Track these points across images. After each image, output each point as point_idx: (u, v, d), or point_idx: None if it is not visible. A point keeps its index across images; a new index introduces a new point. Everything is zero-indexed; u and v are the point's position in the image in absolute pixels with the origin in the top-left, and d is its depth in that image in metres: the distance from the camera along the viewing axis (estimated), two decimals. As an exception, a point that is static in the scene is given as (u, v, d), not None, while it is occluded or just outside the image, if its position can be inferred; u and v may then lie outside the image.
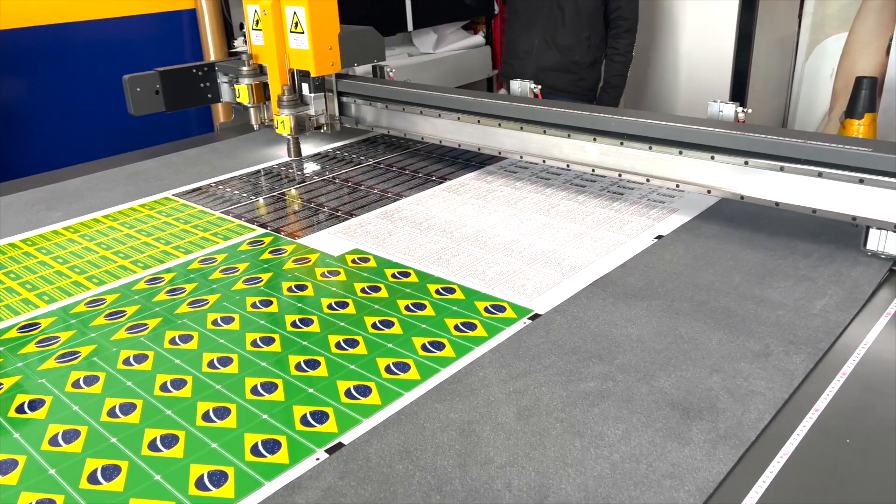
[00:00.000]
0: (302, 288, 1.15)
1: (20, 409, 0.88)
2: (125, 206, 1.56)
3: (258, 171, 1.75)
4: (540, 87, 1.74)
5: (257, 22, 1.76)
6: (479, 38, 3.62)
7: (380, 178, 1.64)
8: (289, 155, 1.82)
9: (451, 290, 1.11)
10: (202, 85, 2.05)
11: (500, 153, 1.59)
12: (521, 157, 1.55)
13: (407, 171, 1.68)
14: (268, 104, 1.85)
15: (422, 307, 1.07)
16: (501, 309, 1.05)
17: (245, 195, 1.59)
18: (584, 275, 1.13)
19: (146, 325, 1.06)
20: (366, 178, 1.66)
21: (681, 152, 1.29)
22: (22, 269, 1.27)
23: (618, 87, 2.78)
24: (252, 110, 1.86)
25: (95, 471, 0.76)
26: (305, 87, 1.79)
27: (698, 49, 3.02)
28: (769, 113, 3.36)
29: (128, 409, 0.87)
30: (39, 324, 1.08)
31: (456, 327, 1.01)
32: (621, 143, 1.36)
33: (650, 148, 1.33)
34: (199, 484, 0.74)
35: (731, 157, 1.23)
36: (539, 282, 1.12)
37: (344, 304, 1.09)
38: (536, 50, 2.77)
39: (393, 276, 1.17)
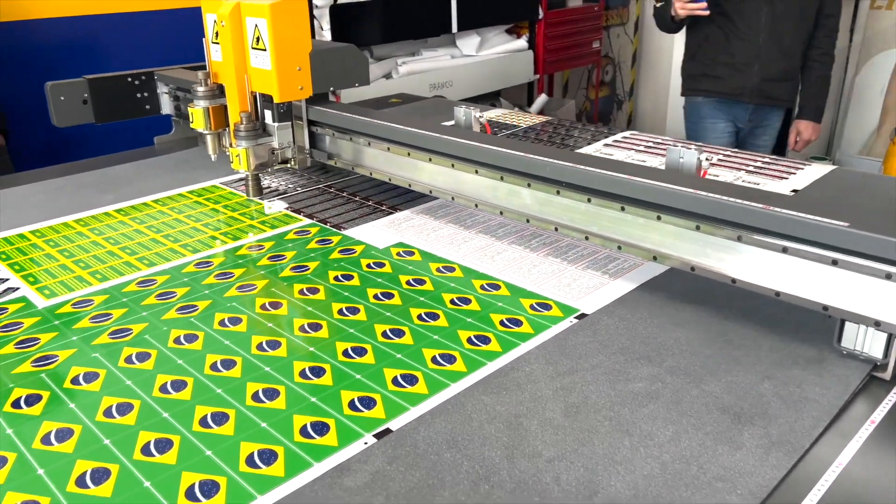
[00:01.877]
0: (348, 277, 1.16)
1: (75, 381, 0.90)
2: (173, 192, 1.59)
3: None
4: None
5: (216, 34, 1.47)
6: (522, 42, 3.62)
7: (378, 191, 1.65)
8: (247, 195, 1.52)
9: (496, 287, 1.11)
10: (139, 95, 1.90)
11: (430, 192, 1.37)
12: (453, 199, 1.33)
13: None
14: (228, 130, 1.54)
15: (467, 301, 1.07)
16: (547, 307, 1.05)
17: (291, 186, 1.60)
18: (631, 277, 1.13)
19: (196, 306, 1.08)
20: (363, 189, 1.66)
21: (623, 208, 1.06)
22: (75, 248, 1.30)
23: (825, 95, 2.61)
24: (209, 138, 1.53)
25: (149, 443, 0.78)
26: (269, 114, 1.49)
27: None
28: (815, 127, 3.30)
29: (179, 385, 0.88)
30: (93, 300, 1.10)
31: (501, 323, 1.01)
32: (557, 193, 1.14)
33: (588, 200, 1.10)
34: (250, 461, 0.75)
35: (681, 218, 1.00)
36: (585, 282, 1.11)
37: (389, 295, 1.10)
38: (762, 59, 2.50)
39: (438, 270, 1.18)
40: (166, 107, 1.95)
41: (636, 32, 4.87)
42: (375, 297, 1.09)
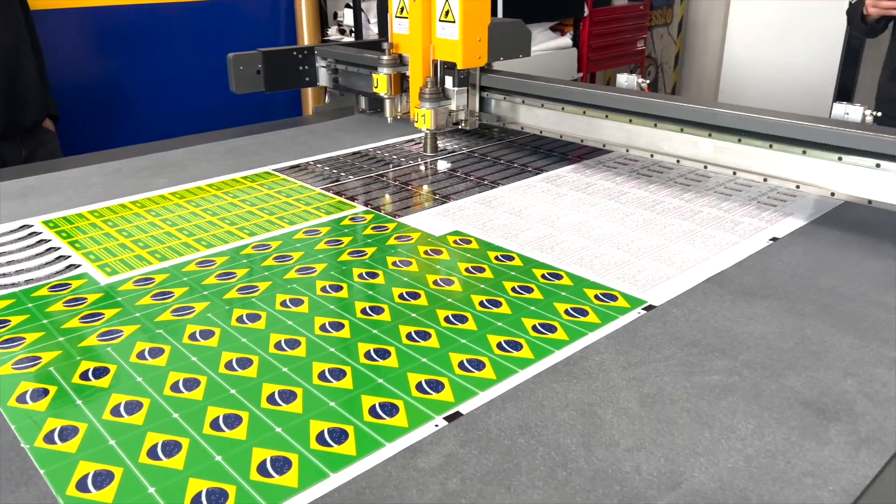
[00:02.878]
0: (406, 264, 1.15)
1: (141, 356, 0.90)
2: (227, 177, 1.59)
3: (355, 153, 1.76)
4: None
5: (402, 9, 1.69)
6: (566, 40, 3.59)
7: (476, 166, 1.63)
8: (425, 150, 1.74)
9: (558, 276, 1.09)
10: (301, 68, 2.07)
11: (604, 145, 1.55)
12: (627, 151, 1.52)
13: (502, 161, 1.67)
14: (404, 96, 1.77)
15: (529, 290, 1.05)
16: (613, 298, 1.02)
17: (343, 174, 1.60)
18: (698, 270, 1.10)
19: (257, 287, 1.07)
20: (461, 165, 1.65)
21: (804, 152, 1.24)
22: (133, 228, 1.31)
23: None
24: (388, 102, 1.77)
25: (218, 418, 0.77)
26: (449, 80, 1.70)
27: (800, 60, 2.91)
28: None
29: (245, 363, 0.88)
30: (153, 279, 1.11)
31: (566, 312, 0.99)
32: (739, 140, 1.31)
33: (770, 146, 1.28)
34: (320, 439, 0.74)
35: (860, 158, 1.17)
36: (650, 274, 1.09)
37: (449, 282, 1.08)
38: None
39: (496, 258, 1.16)
40: (323, 79, 2.08)
41: (679, 33, 4.80)
42: (435, 283, 1.08)
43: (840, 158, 1.21)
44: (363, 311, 1.00)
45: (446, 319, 0.97)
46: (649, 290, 1.04)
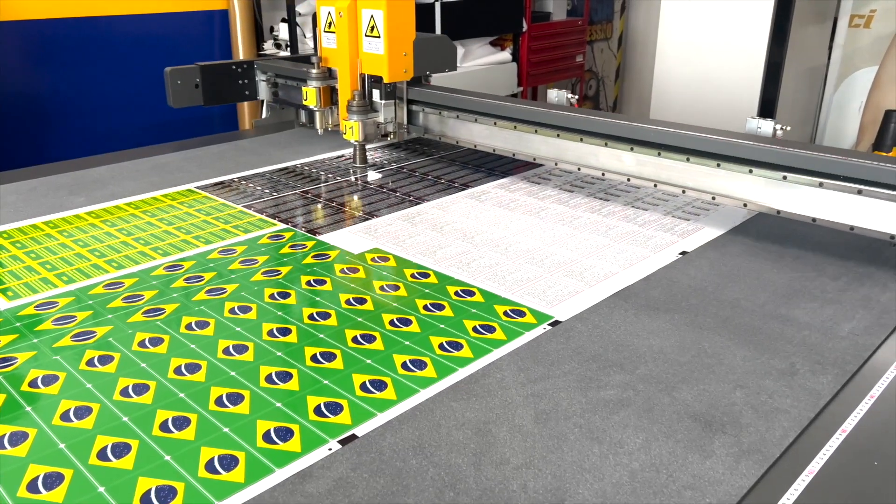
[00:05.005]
0: (320, 283, 1.14)
1: (33, 384, 0.87)
2: (148, 195, 1.57)
3: (282, 169, 1.75)
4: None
5: (330, 24, 1.73)
6: (505, 55, 3.63)
7: (402, 182, 1.64)
8: (354, 162, 1.77)
9: (471, 293, 1.10)
10: (240, 82, 2.06)
11: (534, 159, 1.62)
12: (556, 165, 1.58)
13: (430, 177, 1.67)
14: (334, 108, 1.81)
15: (440, 307, 1.06)
16: (521, 314, 1.04)
17: (267, 191, 1.59)
18: (607, 285, 1.12)
19: (163, 309, 1.05)
20: (388, 181, 1.65)
21: (719, 165, 1.31)
22: (42, 250, 1.27)
23: None
24: (318, 114, 1.81)
25: (105, 448, 0.75)
26: (376, 93, 1.75)
27: (726, 76, 3.01)
28: (794, 143, 3.33)
29: (141, 389, 0.86)
30: (57, 303, 1.08)
31: (474, 329, 1.00)
32: (658, 154, 1.38)
33: (688, 159, 1.35)
34: (210, 467, 0.73)
35: (770, 171, 1.25)
36: (560, 290, 1.10)
37: (362, 301, 1.08)
38: None
39: (412, 276, 1.16)
40: (263, 93, 2.08)
41: (620, 48, 4.91)
42: (347, 302, 1.08)
43: (751, 171, 1.27)
44: (270, 333, 0.99)
45: (354, 340, 0.97)
46: (557, 306, 1.05)
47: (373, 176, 1.69)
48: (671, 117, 3.26)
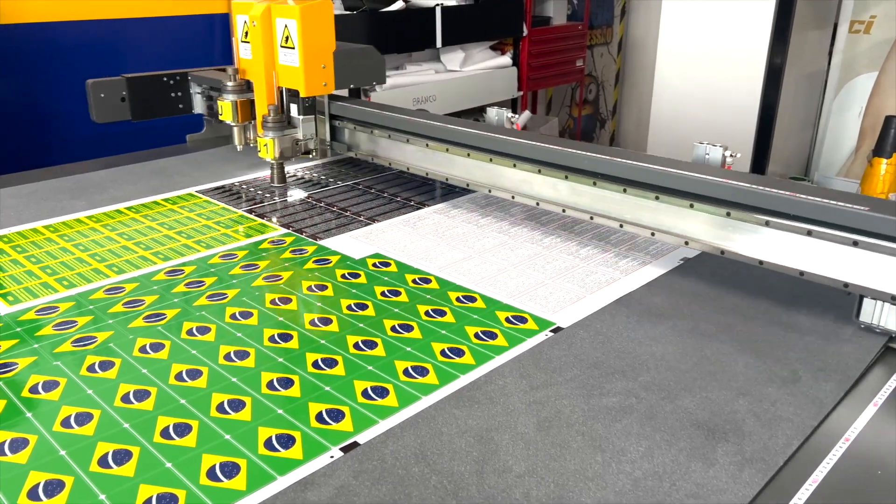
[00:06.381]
0: (322, 288, 1.14)
1: (34, 390, 0.87)
2: (148, 199, 1.56)
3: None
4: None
5: (246, 34, 1.60)
6: (505, 59, 3.64)
7: (403, 188, 1.64)
8: (272, 181, 1.66)
9: (472, 299, 1.10)
10: (173, 95, 1.93)
11: (467, 185, 1.48)
12: (490, 192, 1.44)
13: (430, 182, 1.67)
14: (253, 123, 1.68)
15: (442, 314, 1.06)
16: (523, 320, 1.03)
17: (269, 195, 1.59)
18: (608, 292, 1.12)
19: (164, 314, 1.05)
20: (388, 186, 1.65)
21: (657, 197, 1.16)
22: (43, 254, 1.27)
23: None
24: (235, 129, 1.67)
25: (106, 454, 0.75)
26: (294, 108, 1.62)
27: (726, 81, 3.01)
28: (795, 148, 3.34)
29: (142, 395, 0.86)
30: (58, 307, 1.08)
31: (476, 335, 0.99)
32: (594, 184, 1.24)
33: (625, 190, 1.20)
34: (211, 474, 0.72)
35: (713, 206, 1.09)
36: (562, 296, 1.10)
37: (363, 306, 1.08)
38: None
39: (414, 281, 1.16)
40: (198, 106, 1.98)
41: (619, 52, 4.92)
42: (349, 307, 1.07)
43: (692, 205, 1.12)
44: (272, 339, 0.99)
45: (355, 346, 0.97)
46: (559, 312, 1.05)
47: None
48: (671, 122, 3.27)
